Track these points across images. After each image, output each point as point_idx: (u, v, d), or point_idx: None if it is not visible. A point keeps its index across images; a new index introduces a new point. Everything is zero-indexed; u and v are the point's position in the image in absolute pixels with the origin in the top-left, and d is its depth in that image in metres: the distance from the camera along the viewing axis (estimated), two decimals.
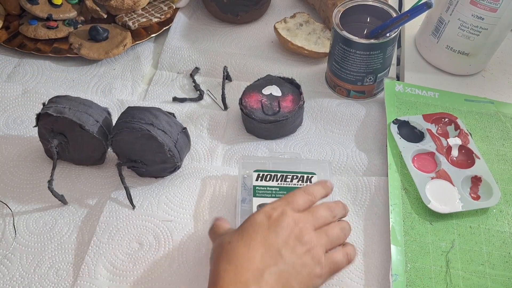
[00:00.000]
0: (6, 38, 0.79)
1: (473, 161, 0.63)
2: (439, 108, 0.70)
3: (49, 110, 0.57)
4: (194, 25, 0.86)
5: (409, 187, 0.61)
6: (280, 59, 0.80)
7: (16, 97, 0.72)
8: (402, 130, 0.67)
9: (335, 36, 0.68)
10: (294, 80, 0.69)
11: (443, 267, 0.55)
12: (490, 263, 0.55)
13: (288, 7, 0.89)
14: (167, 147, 0.57)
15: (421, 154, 0.64)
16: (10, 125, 0.69)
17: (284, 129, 0.67)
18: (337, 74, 0.72)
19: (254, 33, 0.84)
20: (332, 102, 0.73)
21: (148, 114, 0.58)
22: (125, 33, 0.79)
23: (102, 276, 0.54)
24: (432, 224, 0.58)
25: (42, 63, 0.78)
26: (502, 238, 0.57)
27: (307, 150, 0.67)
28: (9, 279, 0.54)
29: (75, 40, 0.78)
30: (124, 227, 0.58)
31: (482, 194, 0.60)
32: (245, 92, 0.68)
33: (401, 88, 0.72)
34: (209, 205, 0.60)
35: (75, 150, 0.61)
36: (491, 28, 0.68)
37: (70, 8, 0.81)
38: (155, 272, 0.55)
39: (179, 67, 0.79)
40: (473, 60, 0.74)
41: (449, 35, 0.72)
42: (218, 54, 0.80)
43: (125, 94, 0.75)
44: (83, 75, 0.77)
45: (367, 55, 0.67)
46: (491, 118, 0.70)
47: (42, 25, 0.79)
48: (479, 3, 0.66)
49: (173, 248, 0.57)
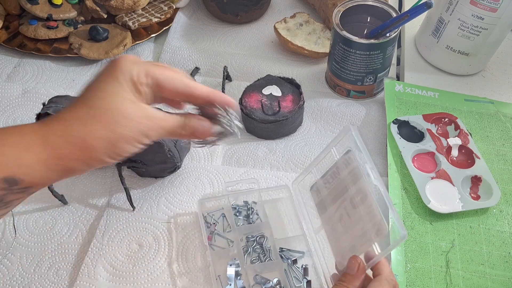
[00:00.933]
0: (6, 38, 0.79)
1: (473, 161, 0.63)
2: (439, 108, 0.70)
3: (49, 110, 0.57)
4: (194, 25, 0.86)
5: (409, 187, 0.61)
6: (280, 59, 0.80)
7: (16, 97, 0.72)
8: (402, 130, 0.67)
9: (335, 36, 0.68)
10: (294, 80, 0.69)
11: (443, 267, 0.55)
12: (490, 263, 0.55)
13: (288, 7, 0.89)
14: (167, 147, 0.57)
15: (421, 154, 0.64)
16: (10, 125, 0.69)
17: (284, 129, 0.67)
18: (337, 74, 0.72)
19: (254, 33, 0.84)
20: (332, 102, 0.73)
21: None
22: (125, 33, 0.79)
23: (102, 276, 0.54)
24: (432, 224, 0.58)
25: (42, 63, 0.78)
26: (502, 238, 0.57)
27: (307, 150, 0.67)
28: (9, 279, 0.54)
29: (75, 40, 0.78)
30: (124, 228, 0.58)
31: (482, 194, 0.60)
32: (245, 92, 0.68)
33: (401, 88, 0.72)
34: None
35: None
36: (491, 28, 0.68)
37: (70, 8, 0.81)
38: (154, 273, 0.55)
39: (179, 67, 0.78)
40: (473, 60, 0.74)
41: (449, 35, 0.72)
42: (218, 54, 0.80)
43: None
44: (83, 75, 0.77)
45: (367, 55, 0.67)
46: (491, 118, 0.70)
47: (42, 25, 0.79)
48: (479, 3, 0.66)
49: (173, 249, 0.57)
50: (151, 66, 0.41)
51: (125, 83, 0.39)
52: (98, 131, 0.38)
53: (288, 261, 0.55)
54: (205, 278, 0.54)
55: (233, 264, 0.54)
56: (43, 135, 0.37)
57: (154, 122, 0.41)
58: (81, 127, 0.38)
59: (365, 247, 0.47)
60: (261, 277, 0.54)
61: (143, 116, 0.40)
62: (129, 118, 0.39)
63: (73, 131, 0.38)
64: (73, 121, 0.38)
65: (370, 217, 0.47)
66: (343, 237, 0.50)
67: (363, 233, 0.47)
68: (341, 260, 0.49)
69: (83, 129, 0.38)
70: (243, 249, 0.56)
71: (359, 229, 0.48)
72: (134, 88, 0.40)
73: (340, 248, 0.50)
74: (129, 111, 0.39)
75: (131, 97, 0.39)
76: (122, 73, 0.39)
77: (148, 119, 0.40)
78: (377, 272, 0.46)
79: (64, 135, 0.38)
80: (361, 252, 0.47)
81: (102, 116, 0.38)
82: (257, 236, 0.58)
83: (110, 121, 0.38)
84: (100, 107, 0.38)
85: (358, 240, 0.48)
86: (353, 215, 0.49)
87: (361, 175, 0.48)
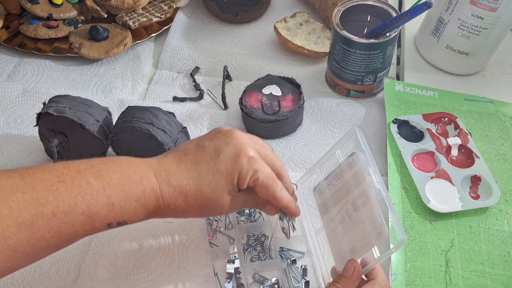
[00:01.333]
0: (6, 37, 0.79)
1: (472, 160, 0.63)
2: (439, 108, 0.70)
3: (50, 109, 0.58)
4: (194, 24, 0.86)
5: (408, 186, 0.61)
6: (280, 58, 0.80)
7: (17, 96, 0.72)
8: (402, 129, 0.67)
9: (335, 36, 0.68)
10: (294, 80, 0.69)
11: (442, 266, 0.55)
12: (490, 262, 0.55)
13: (288, 7, 0.89)
14: (167, 146, 0.57)
15: (420, 153, 0.64)
16: (10, 124, 0.69)
17: (284, 128, 0.67)
18: (337, 74, 0.72)
19: (254, 33, 0.84)
20: (332, 102, 0.73)
21: (148, 114, 0.58)
22: (125, 33, 0.79)
23: (102, 276, 0.54)
24: (431, 223, 0.58)
25: (42, 62, 0.78)
26: (501, 237, 0.57)
27: (307, 149, 0.67)
28: (10, 278, 0.54)
29: (75, 40, 0.78)
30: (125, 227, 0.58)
31: (482, 193, 0.60)
32: (245, 92, 0.68)
33: (401, 88, 0.73)
34: None
35: (75, 149, 0.62)
36: (490, 27, 0.68)
37: (70, 7, 0.81)
38: (154, 272, 0.55)
39: (179, 67, 0.79)
40: (473, 59, 0.74)
41: (449, 34, 0.72)
42: (218, 54, 0.80)
43: (125, 93, 0.75)
44: (83, 75, 0.77)
45: (367, 54, 0.67)
46: (490, 118, 0.70)
47: (43, 25, 0.79)
48: (479, 2, 0.66)
49: (173, 249, 0.57)
50: (261, 165, 0.46)
51: (234, 181, 0.45)
52: (192, 213, 0.47)
53: (288, 261, 0.55)
54: (205, 276, 0.55)
55: (233, 261, 0.54)
56: (157, 192, 0.43)
57: (237, 207, 0.49)
58: (182, 202, 0.45)
59: (365, 250, 0.47)
60: (259, 275, 0.54)
61: (232, 205, 0.48)
62: (222, 207, 0.47)
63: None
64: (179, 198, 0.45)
65: (371, 220, 0.47)
66: (343, 239, 0.50)
67: (363, 236, 0.47)
68: (340, 262, 0.49)
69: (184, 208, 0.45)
70: (244, 247, 0.57)
71: (359, 231, 0.48)
72: (237, 183, 0.46)
73: (339, 250, 0.51)
74: (224, 202, 0.46)
75: (231, 190, 0.46)
76: (238, 172, 0.45)
77: (234, 207, 0.48)
78: (372, 277, 0.47)
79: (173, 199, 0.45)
80: (360, 255, 0.48)
81: (202, 201, 0.45)
82: (258, 234, 0.58)
83: (204, 208, 0.46)
84: (203, 193, 0.45)
85: (358, 242, 0.48)
86: (354, 218, 0.49)
87: (364, 178, 0.48)
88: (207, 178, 0.44)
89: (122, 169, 0.42)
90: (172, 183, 0.44)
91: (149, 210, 0.44)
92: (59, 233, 0.39)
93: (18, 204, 0.37)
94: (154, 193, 0.43)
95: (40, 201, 0.38)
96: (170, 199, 0.44)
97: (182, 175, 0.44)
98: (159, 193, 0.43)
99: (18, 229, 0.37)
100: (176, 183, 0.44)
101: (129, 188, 0.42)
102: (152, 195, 0.43)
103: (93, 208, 0.40)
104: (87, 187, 0.40)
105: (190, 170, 0.44)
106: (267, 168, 0.47)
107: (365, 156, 0.49)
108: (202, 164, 0.45)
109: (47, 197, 0.38)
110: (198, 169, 0.45)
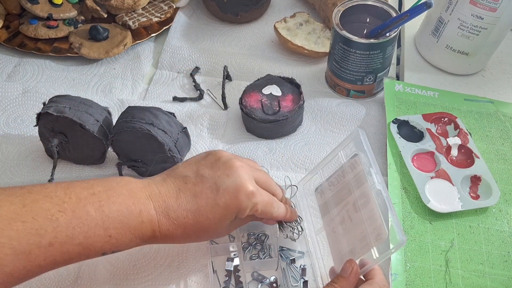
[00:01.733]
0: (6, 37, 0.79)
1: (472, 160, 0.63)
2: (439, 108, 0.70)
3: (50, 109, 0.58)
4: (194, 24, 0.86)
5: (408, 186, 0.61)
6: (280, 58, 0.80)
7: (17, 96, 0.72)
8: (401, 129, 0.67)
9: (335, 36, 0.68)
10: (294, 80, 0.69)
11: (442, 266, 0.55)
12: (490, 262, 0.55)
13: (288, 7, 0.89)
14: (167, 146, 0.57)
15: (420, 153, 0.64)
16: (10, 124, 0.69)
17: (284, 128, 0.67)
18: (337, 74, 0.72)
19: (254, 33, 0.84)
20: (332, 102, 0.73)
21: (148, 114, 0.58)
22: (125, 33, 0.79)
23: (102, 276, 0.54)
24: (431, 223, 0.58)
25: (42, 62, 0.78)
26: (501, 237, 0.57)
27: (307, 149, 0.67)
28: None
29: (75, 40, 0.78)
30: None
31: (482, 193, 0.60)
32: (245, 92, 0.68)
33: (400, 88, 0.73)
34: None
35: (75, 149, 0.62)
36: (490, 27, 0.68)
37: (70, 7, 0.81)
38: (154, 272, 0.55)
39: (179, 67, 0.79)
40: (473, 59, 0.74)
41: (449, 34, 0.72)
42: (218, 54, 0.80)
43: (125, 93, 0.75)
44: (83, 75, 0.77)
45: (367, 54, 0.67)
46: (490, 118, 0.70)
47: (43, 25, 0.79)
48: (479, 2, 0.66)
49: (173, 248, 0.57)
50: (259, 197, 0.47)
51: (233, 215, 0.47)
52: (189, 241, 0.51)
53: (287, 261, 0.55)
54: (205, 275, 0.55)
55: (232, 259, 0.54)
56: (155, 224, 0.45)
57: (235, 228, 0.52)
58: (180, 233, 0.46)
59: (364, 251, 0.47)
60: (258, 274, 0.55)
61: (230, 229, 0.50)
62: (219, 234, 0.50)
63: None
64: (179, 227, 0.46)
65: (371, 221, 0.47)
66: (343, 239, 0.50)
67: (362, 237, 0.47)
68: (339, 263, 0.49)
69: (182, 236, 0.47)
70: (244, 245, 0.57)
71: (359, 232, 0.48)
72: (237, 214, 0.47)
73: (339, 251, 0.51)
74: (222, 230, 0.48)
75: (230, 219, 0.47)
76: (238, 207, 0.46)
77: (232, 229, 0.51)
78: (370, 277, 0.48)
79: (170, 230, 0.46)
80: (359, 255, 0.48)
81: (200, 231, 0.47)
82: (258, 233, 0.58)
83: (201, 237, 0.49)
84: (201, 225, 0.46)
85: (357, 243, 0.48)
86: (355, 219, 0.49)
87: (366, 179, 0.49)
88: (206, 211, 0.46)
89: (123, 200, 0.43)
90: (171, 216, 0.45)
91: (145, 240, 0.45)
92: (54, 261, 0.40)
93: (18, 233, 0.38)
94: (151, 225, 0.44)
95: (39, 232, 0.38)
96: (168, 231, 0.45)
97: (181, 207, 0.45)
98: (156, 225, 0.44)
99: (16, 257, 0.38)
100: (174, 216, 0.45)
101: (127, 221, 0.43)
102: (150, 227, 0.44)
103: (90, 240, 0.41)
104: (86, 218, 0.41)
105: (190, 203, 0.45)
106: (265, 197, 0.48)
107: (367, 158, 0.49)
108: (202, 197, 0.46)
109: (46, 228, 0.39)
110: (197, 202, 0.45)
